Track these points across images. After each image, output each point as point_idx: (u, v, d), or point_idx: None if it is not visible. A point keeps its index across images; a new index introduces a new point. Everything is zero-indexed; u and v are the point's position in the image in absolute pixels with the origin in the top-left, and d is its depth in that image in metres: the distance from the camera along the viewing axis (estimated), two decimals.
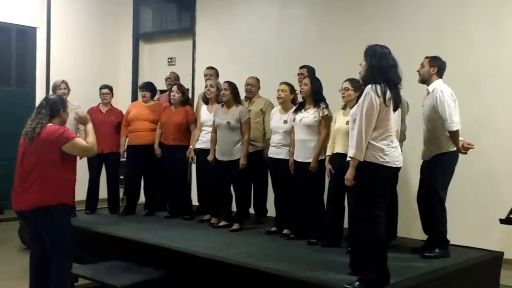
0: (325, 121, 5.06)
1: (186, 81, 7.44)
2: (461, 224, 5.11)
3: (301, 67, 5.83)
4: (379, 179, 3.72)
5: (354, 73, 4.77)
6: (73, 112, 4.58)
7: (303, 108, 5.17)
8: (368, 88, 3.68)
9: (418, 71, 4.77)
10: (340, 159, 4.59)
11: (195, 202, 6.53)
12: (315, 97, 5.12)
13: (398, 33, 5.90)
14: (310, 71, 5.68)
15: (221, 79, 6.30)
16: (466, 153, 4.64)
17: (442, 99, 4.53)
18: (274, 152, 5.42)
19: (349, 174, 3.72)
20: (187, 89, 6.65)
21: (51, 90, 6.48)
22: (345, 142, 4.60)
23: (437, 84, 4.65)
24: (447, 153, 4.62)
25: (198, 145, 6.00)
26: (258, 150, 5.87)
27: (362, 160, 3.66)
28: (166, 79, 6.84)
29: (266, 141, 5.80)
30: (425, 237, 4.84)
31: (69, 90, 6.34)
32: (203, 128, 5.99)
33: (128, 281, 4.41)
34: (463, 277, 4.43)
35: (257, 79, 6.18)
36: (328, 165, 4.93)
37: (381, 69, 3.71)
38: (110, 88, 6.55)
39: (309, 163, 5.02)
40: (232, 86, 5.62)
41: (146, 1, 8.97)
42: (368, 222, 3.70)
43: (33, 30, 8.28)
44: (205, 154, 5.80)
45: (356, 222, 3.94)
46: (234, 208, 5.81)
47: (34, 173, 3.92)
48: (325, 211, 5.05)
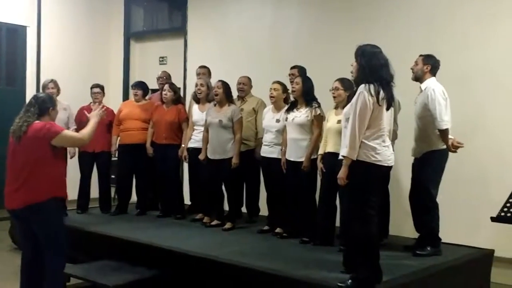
0: (318, 121, 5.07)
1: (178, 81, 7.43)
2: (452, 222, 5.14)
3: (292, 67, 5.85)
4: (371, 178, 3.72)
5: (346, 73, 4.80)
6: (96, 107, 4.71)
7: (295, 108, 5.18)
8: (362, 88, 3.68)
9: (412, 69, 4.79)
10: (331, 158, 4.61)
11: (187, 201, 6.51)
12: (306, 97, 5.13)
13: (390, 33, 5.92)
14: (301, 71, 5.70)
15: (213, 78, 6.30)
16: (456, 152, 4.67)
17: (433, 97, 4.55)
18: (267, 151, 5.43)
19: (342, 173, 3.73)
20: (179, 88, 6.64)
21: (41, 90, 6.45)
22: (336, 141, 4.63)
23: (430, 83, 4.67)
24: (437, 151, 4.65)
25: (191, 144, 5.99)
26: (250, 149, 5.88)
27: (355, 159, 3.67)
28: (158, 79, 6.83)
29: (258, 140, 5.80)
30: (417, 235, 4.87)
31: (59, 90, 6.31)
32: (195, 128, 5.97)
33: (120, 281, 4.40)
34: (455, 275, 4.46)
35: (249, 78, 6.18)
36: (320, 164, 4.95)
37: (372, 69, 3.71)
38: (102, 87, 6.52)
39: (301, 162, 5.03)
40: (225, 85, 5.63)
41: (137, 0, 8.93)
42: (361, 221, 3.71)
43: (23, 29, 8.23)
44: (197, 153, 5.80)
45: (349, 221, 3.95)
46: (227, 207, 5.82)
47: (25, 171, 3.91)
48: (317, 210, 5.07)
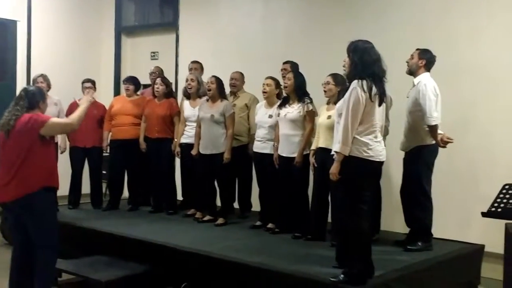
0: (310, 116, 5.08)
1: (170, 76, 7.38)
2: (443, 218, 5.16)
3: (284, 63, 5.84)
4: (363, 173, 3.74)
5: (339, 69, 4.81)
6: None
7: (288, 103, 5.18)
8: (355, 83, 3.69)
9: (407, 62, 4.80)
10: (322, 153, 4.62)
11: (180, 197, 6.51)
12: (298, 92, 5.13)
13: (382, 29, 5.92)
14: (294, 67, 5.68)
15: (205, 74, 6.29)
16: (445, 147, 4.69)
17: (424, 93, 4.56)
18: (259, 147, 5.43)
19: (334, 169, 3.74)
20: (171, 83, 6.62)
21: (32, 84, 6.40)
22: (327, 137, 4.65)
23: (423, 78, 4.68)
24: (426, 146, 4.66)
25: (183, 140, 5.98)
26: (243, 145, 5.88)
27: (348, 155, 3.69)
28: (150, 74, 6.80)
29: (251, 136, 5.80)
30: (408, 231, 4.89)
31: (49, 84, 6.25)
32: (187, 123, 5.96)
33: (112, 276, 4.39)
34: (445, 270, 4.49)
35: (241, 74, 6.18)
36: (312, 159, 4.96)
37: (365, 64, 3.72)
38: (93, 82, 6.47)
39: (294, 158, 5.04)
40: (218, 81, 5.62)
41: None
42: (353, 216, 3.72)
43: (14, 23, 8.14)
44: (190, 149, 5.79)
45: (341, 216, 3.97)
46: (219, 203, 5.82)
47: (16, 165, 3.89)
48: (310, 205, 5.08)
